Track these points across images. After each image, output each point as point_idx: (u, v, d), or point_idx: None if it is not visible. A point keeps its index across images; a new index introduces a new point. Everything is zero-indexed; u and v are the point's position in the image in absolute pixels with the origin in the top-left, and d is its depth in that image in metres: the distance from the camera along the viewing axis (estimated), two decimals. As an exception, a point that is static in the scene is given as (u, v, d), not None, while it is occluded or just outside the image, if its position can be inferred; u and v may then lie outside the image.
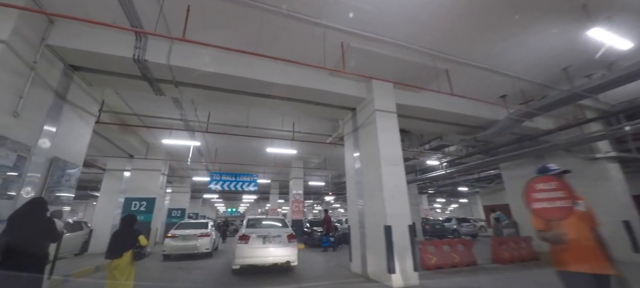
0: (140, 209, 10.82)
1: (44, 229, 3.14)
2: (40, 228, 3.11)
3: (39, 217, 3.14)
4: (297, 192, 13.70)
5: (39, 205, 3.21)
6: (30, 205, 3.16)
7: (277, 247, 6.33)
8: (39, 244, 3.10)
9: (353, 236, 6.48)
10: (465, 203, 33.10)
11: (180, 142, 9.29)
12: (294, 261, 6.44)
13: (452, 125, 8.42)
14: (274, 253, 6.25)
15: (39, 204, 3.23)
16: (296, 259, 6.51)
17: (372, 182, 5.81)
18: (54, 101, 4.61)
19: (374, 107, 5.95)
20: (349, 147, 7.15)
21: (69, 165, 5.07)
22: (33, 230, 3.02)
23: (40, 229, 3.11)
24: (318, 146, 11.61)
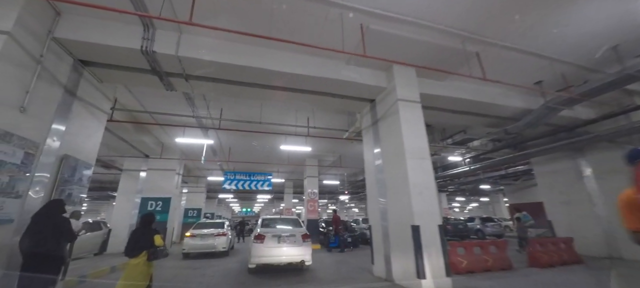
0: (157, 209, 10.82)
1: (60, 230, 3.21)
2: (57, 228, 3.18)
3: (57, 218, 3.23)
4: (312, 190, 13.35)
5: (57, 206, 3.32)
6: (48, 206, 3.28)
7: (292, 246, 6.37)
8: (56, 244, 3.16)
9: (374, 237, 6.02)
10: (486, 202, 31.60)
11: (193, 141, 9.16)
12: (309, 260, 6.46)
13: (480, 117, 7.77)
14: (289, 252, 6.30)
15: (57, 205, 3.33)
16: (311, 258, 6.52)
17: (395, 178, 5.34)
18: (63, 97, 4.46)
19: (396, 97, 5.47)
20: (368, 141, 6.69)
21: (80, 164, 4.93)
22: (50, 230, 3.12)
23: (57, 230, 3.18)
24: (333, 143, 11.20)
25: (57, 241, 3.19)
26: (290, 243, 6.39)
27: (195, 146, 10.70)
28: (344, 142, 11.16)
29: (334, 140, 10.76)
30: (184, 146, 11.21)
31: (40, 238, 3.07)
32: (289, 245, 6.38)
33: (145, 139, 9.40)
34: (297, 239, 6.47)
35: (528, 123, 7.34)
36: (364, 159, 6.87)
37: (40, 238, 3.07)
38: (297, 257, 6.31)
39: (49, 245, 3.11)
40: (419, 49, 5.23)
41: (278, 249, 6.29)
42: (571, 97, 6.23)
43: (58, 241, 3.20)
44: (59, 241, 3.21)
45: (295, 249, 6.35)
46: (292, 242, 6.42)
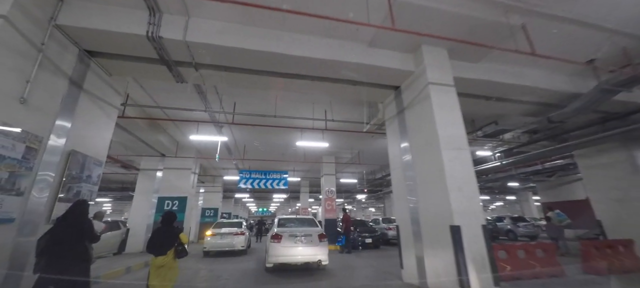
0: (173, 208, 10.72)
1: (83, 231, 3.25)
2: (79, 229, 3.22)
3: (79, 219, 3.26)
4: (329, 189, 12.83)
5: (80, 207, 3.34)
6: (72, 208, 3.30)
7: (309, 246, 6.40)
8: (79, 245, 3.20)
9: (403, 239, 5.41)
10: (513, 201, 29.67)
11: (207, 138, 8.90)
12: (325, 260, 6.47)
13: (518, 104, 6.93)
14: (306, 252, 6.33)
15: (80, 206, 3.34)
16: (327, 258, 6.52)
17: (428, 172, 4.71)
18: (68, 89, 4.20)
19: (426, 80, 4.83)
20: (393, 133, 6.07)
21: (89, 160, 4.68)
22: (73, 231, 3.16)
23: (79, 231, 3.22)
24: (351, 138, 10.63)
25: (80, 241, 3.24)
26: (307, 243, 6.40)
27: (210, 144, 10.49)
28: (362, 138, 10.56)
29: (353, 135, 10.18)
30: (198, 144, 11.05)
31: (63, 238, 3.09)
32: (305, 245, 6.38)
33: (161, 137, 9.26)
34: (313, 239, 6.47)
35: (577, 109, 6.44)
36: (389, 154, 6.25)
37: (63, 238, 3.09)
38: (314, 257, 6.30)
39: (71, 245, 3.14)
40: (453, 24, 4.56)
41: (295, 249, 6.31)
42: (635, 76, 5.31)
43: (80, 241, 3.24)
44: (81, 241, 3.25)
45: (312, 249, 6.35)
46: (309, 241, 6.43)
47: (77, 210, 3.31)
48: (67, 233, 3.11)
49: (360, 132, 7.82)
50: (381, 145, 11.57)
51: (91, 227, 3.37)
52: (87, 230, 3.30)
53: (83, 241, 3.27)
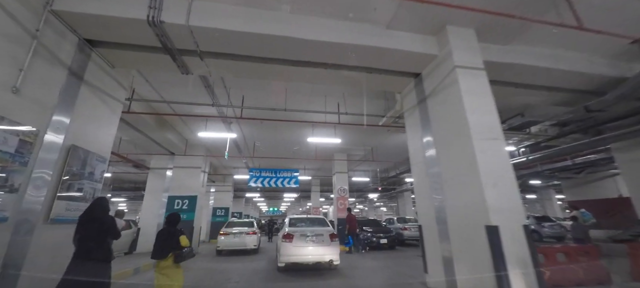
0: (183, 208, 10.56)
1: (106, 228, 3.28)
2: (102, 227, 3.26)
3: (101, 216, 3.29)
4: (341, 187, 12.39)
5: (101, 204, 3.37)
6: (93, 205, 3.34)
7: (320, 246, 6.40)
8: (102, 241, 3.24)
9: (427, 240, 4.92)
10: (533, 200, 28.25)
11: (216, 135, 8.65)
12: (337, 260, 6.45)
13: (551, 92, 6.28)
14: (318, 252, 6.33)
15: (101, 204, 3.38)
16: (339, 258, 6.51)
17: (456, 166, 4.21)
18: (67, 80, 3.95)
19: (452, 64, 4.32)
20: (413, 125, 5.59)
21: (91, 156, 4.43)
22: (96, 228, 3.20)
23: (102, 228, 3.26)
24: (365, 134, 10.15)
25: (103, 238, 3.29)
26: (318, 243, 6.40)
27: (219, 142, 10.25)
28: (376, 133, 10.07)
29: (366, 131, 9.71)
30: (207, 142, 10.84)
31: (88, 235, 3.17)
32: (317, 244, 6.39)
33: (169, 135, 9.07)
34: (325, 239, 6.47)
35: (620, 96, 5.76)
36: (409, 148, 5.76)
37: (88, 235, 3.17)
38: (326, 257, 6.32)
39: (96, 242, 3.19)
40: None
41: (307, 248, 6.32)
42: (696, 54, 4.62)
43: (104, 238, 3.29)
44: (104, 238, 3.30)
45: (324, 249, 6.36)
46: (321, 241, 6.43)
47: (98, 207, 3.37)
48: (92, 230, 3.19)
49: (375, 125, 7.35)
50: (396, 141, 11.04)
51: (114, 224, 3.41)
52: (110, 226, 3.34)
53: (106, 238, 3.34)
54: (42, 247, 3.55)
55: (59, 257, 3.79)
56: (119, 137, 9.82)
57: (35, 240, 3.46)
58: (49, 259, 3.62)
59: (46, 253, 3.60)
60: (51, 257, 3.65)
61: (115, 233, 3.46)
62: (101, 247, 3.24)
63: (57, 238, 3.75)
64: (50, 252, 3.66)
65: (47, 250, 3.63)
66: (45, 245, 3.61)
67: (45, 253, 3.59)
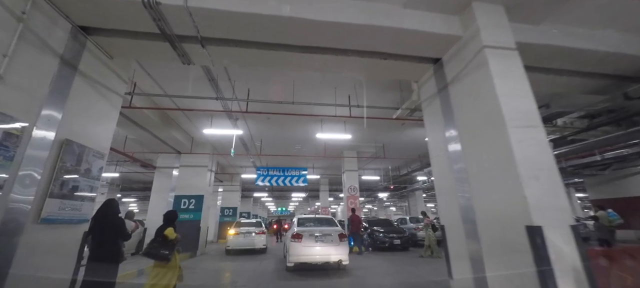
0: (189, 207, 10.36)
1: (116, 229, 3.39)
2: (113, 228, 3.38)
3: (112, 218, 3.43)
4: (351, 186, 11.95)
5: (111, 206, 3.52)
6: (104, 207, 3.47)
7: (330, 246, 6.37)
8: (113, 242, 3.37)
9: (452, 242, 4.44)
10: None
11: (222, 132, 8.35)
12: (346, 260, 6.43)
13: (584, 78, 5.69)
14: (327, 252, 6.31)
15: (111, 206, 3.52)
16: (348, 258, 6.50)
17: (487, 159, 3.73)
18: (59, 69, 3.67)
19: (480, 44, 3.85)
20: (432, 116, 5.12)
21: (88, 152, 4.15)
22: (107, 229, 3.34)
23: (112, 230, 3.38)
24: (376, 130, 9.70)
25: (114, 239, 3.35)
26: (327, 243, 6.38)
27: (225, 139, 9.97)
28: (388, 129, 9.61)
29: (377, 126, 9.27)
30: (213, 139, 10.58)
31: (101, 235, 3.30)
32: (326, 244, 6.36)
33: (174, 132, 8.84)
34: (334, 238, 6.46)
35: (666, 80, 5.14)
36: (428, 141, 5.30)
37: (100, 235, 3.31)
38: (335, 257, 6.29)
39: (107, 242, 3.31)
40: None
41: (316, 248, 6.28)
42: None
43: (114, 238, 3.35)
44: (115, 239, 3.36)
45: (333, 249, 6.34)
46: (330, 241, 6.41)
47: (109, 208, 3.45)
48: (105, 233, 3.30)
49: (388, 119, 6.90)
50: (409, 137, 10.54)
51: (123, 225, 3.49)
52: (120, 228, 3.41)
53: (117, 239, 3.41)
54: (32, 248, 3.27)
55: (50, 259, 3.53)
56: (125, 135, 9.67)
57: (24, 241, 3.17)
58: (40, 261, 3.34)
59: (37, 255, 3.32)
60: (42, 258, 3.37)
61: (124, 235, 3.50)
62: (111, 249, 3.30)
63: (50, 239, 3.48)
64: (41, 254, 3.38)
65: (38, 252, 3.35)
66: (36, 247, 3.33)
67: (35, 255, 3.31)
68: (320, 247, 6.30)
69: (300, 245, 6.23)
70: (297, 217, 7.69)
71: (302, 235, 6.33)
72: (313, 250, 6.24)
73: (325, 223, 7.27)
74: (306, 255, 6.19)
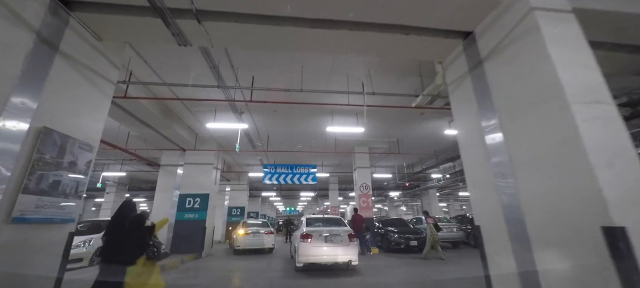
0: (194, 206, 9.95)
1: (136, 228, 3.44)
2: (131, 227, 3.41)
3: (127, 218, 3.46)
4: (363, 183, 11.30)
5: (128, 207, 3.56)
6: (120, 208, 3.53)
7: (339, 246, 6.35)
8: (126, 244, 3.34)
9: (489, 245, 3.77)
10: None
11: (226, 126, 7.87)
12: (355, 261, 6.42)
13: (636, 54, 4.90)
14: (336, 252, 6.28)
15: (128, 207, 3.56)
16: (357, 259, 6.49)
17: (538, 144, 3.06)
18: (35, 47, 3.21)
19: (527, 6, 3.18)
20: (462, 100, 4.45)
21: (72, 143, 3.69)
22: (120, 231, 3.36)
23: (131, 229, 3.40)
24: (391, 123, 9.04)
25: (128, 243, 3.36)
26: (337, 243, 6.36)
27: (230, 135, 9.50)
28: (404, 122, 8.93)
29: (391, 120, 8.63)
30: (218, 135, 10.12)
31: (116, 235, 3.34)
32: (336, 244, 6.34)
33: (177, 127, 8.41)
34: (343, 239, 6.44)
35: None
36: (456, 129, 4.64)
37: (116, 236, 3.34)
38: (345, 257, 6.27)
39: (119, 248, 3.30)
40: None
41: (326, 248, 6.26)
42: None
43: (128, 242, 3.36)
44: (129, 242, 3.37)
45: (343, 249, 6.32)
46: (339, 241, 6.40)
47: (125, 209, 3.50)
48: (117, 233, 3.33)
49: (407, 107, 6.24)
50: (426, 130, 9.82)
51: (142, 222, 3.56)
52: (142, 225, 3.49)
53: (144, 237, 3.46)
54: (1, 251, 2.82)
55: (27, 264, 3.08)
56: (127, 132, 9.33)
57: (-10, 243, 2.71)
58: (12, 266, 2.88)
59: (8, 259, 2.87)
60: (15, 263, 2.92)
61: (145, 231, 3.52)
62: (124, 249, 3.30)
63: (25, 241, 3.03)
64: (14, 258, 2.93)
65: (9, 256, 2.89)
66: (7, 250, 2.87)
67: (6, 259, 2.85)
68: (330, 247, 6.27)
69: (310, 245, 6.21)
70: (305, 217, 7.62)
71: (312, 236, 6.30)
72: (323, 251, 6.21)
73: (334, 223, 7.22)
74: (316, 255, 6.16)
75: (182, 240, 9.38)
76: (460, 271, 6.78)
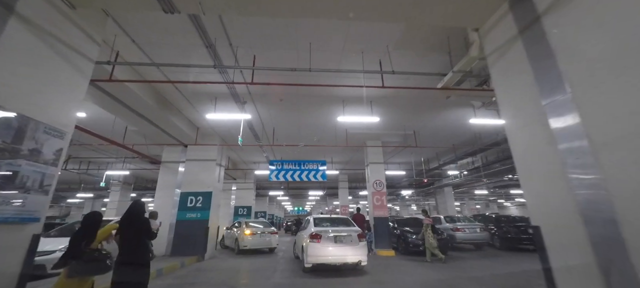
0: (196, 205, 9.34)
1: (142, 231, 3.50)
2: (139, 230, 3.49)
3: (138, 218, 3.53)
4: (377, 180, 10.46)
5: (138, 207, 3.58)
6: (131, 208, 3.55)
7: (349, 246, 6.28)
8: (140, 244, 3.48)
9: (554, 251, 2.92)
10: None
11: (227, 116, 7.19)
12: (365, 261, 6.37)
13: None
14: (346, 252, 6.21)
15: (138, 207, 3.59)
16: (366, 259, 6.42)
17: (635, 115, 2.20)
18: (-23, 3, 2.55)
19: None
20: (509, 72, 3.61)
21: (35, 126, 3.04)
22: (134, 230, 3.45)
23: (139, 231, 3.49)
24: (408, 111, 8.20)
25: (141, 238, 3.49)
26: (346, 243, 6.29)
27: (234, 129, 8.82)
28: (422, 110, 8.08)
29: (410, 107, 7.83)
30: (220, 129, 9.46)
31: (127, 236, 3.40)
32: (345, 245, 6.27)
33: (175, 120, 7.79)
34: (353, 239, 6.39)
35: None
36: (499, 105, 3.79)
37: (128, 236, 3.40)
38: (354, 257, 6.22)
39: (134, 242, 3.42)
40: None
41: (335, 249, 6.19)
42: None
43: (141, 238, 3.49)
44: (142, 238, 3.50)
45: (352, 249, 6.26)
46: (349, 241, 6.33)
47: (135, 210, 3.51)
48: (131, 233, 3.39)
49: (431, 89, 5.41)
50: (447, 121, 8.93)
51: (148, 225, 3.60)
52: (146, 229, 3.53)
53: (143, 240, 3.51)
54: None
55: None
56: (125, 126, 8.79)
57: None
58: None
59: None
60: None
61: (150, 234, 3.62)
62: (139, 250, 3.41)
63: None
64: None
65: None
66: None
67: None
68: (340, 247, 6.18)
69: (320, 245, 6.12)
70: (312, 217, 7.45)
71: (322, 236, 6.19)
72: (333, 251, 6.12)
73: (342, 223, 7.14)
74: (326, 255, 6.07)
75: (183, 242, 8.79)
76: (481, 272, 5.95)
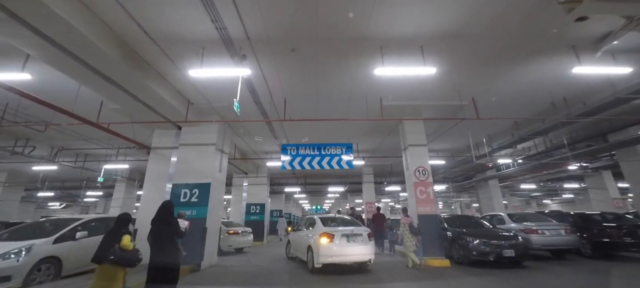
0: (191, 200, 7.40)
1: (171, 228, 3.89)
2: (168, 228, 3.88)
3: (167, 219, 3.91)
4: (420, 167, 7.99)
5: (167, 208, 3.99)
6: (160, 210, 3.97)
7: (360, 245, 6.23)
8: (169, 240, 3.84)
9: None
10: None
11: (217, 73, 5.09)
12: (373, 259, 6.37)
13: None
14: (357, 251, 6.19)
15: (167, 208, 4.00)
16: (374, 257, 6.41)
17: None
18: None
19: None
20: None
21: None
22: (164, 229, 3.86)
23: (168, 231, 3.87)
24: (475, 63, 5.72)
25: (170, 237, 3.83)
26: (358, 242, 6.23)
27: (229, 96, 6.70)
28: (494, 63, 5.55)
29: (482, 51, 5.32)
30: (217, 101, 7.39)
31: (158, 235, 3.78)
32: (357, 244, 6.22)
33: (154, 85, 5.80)
34: (364, 238, 6.31)
35: None
36: None
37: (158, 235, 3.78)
38: (365, 257, 6.22)
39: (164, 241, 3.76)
40: None
41: (347, 248, 6.13)
42: None
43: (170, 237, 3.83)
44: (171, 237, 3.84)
45: (363, 248, 6.22)
46: (360, 241, 6.26)
47: (165, 211, 3.90)
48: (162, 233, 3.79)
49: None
50: (530, 76, 6.29)
51: (177, 224, 4.01)
52: (175, 228, 3.91)
53: (173, 238, 3.86)
54: None
55: None
56: (100, 100, 6.99)
57: None
58: None
59: None
60: None
61: (179, 233, 3.98)
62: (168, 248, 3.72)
63: None
64: None
65: None
66: None
67: None
68: (351, 246, 6.16)
69: (332, 245, 6.04)
70: (319, 216, 7.25)
71: (334, 235, 6.12)
72: (345, 250, 6.11)
73: (349, 223, 7.03)
74: (338, 255, 6.04)
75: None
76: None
